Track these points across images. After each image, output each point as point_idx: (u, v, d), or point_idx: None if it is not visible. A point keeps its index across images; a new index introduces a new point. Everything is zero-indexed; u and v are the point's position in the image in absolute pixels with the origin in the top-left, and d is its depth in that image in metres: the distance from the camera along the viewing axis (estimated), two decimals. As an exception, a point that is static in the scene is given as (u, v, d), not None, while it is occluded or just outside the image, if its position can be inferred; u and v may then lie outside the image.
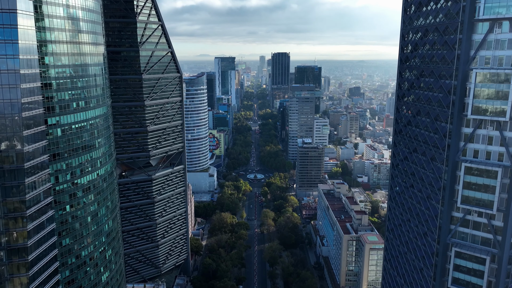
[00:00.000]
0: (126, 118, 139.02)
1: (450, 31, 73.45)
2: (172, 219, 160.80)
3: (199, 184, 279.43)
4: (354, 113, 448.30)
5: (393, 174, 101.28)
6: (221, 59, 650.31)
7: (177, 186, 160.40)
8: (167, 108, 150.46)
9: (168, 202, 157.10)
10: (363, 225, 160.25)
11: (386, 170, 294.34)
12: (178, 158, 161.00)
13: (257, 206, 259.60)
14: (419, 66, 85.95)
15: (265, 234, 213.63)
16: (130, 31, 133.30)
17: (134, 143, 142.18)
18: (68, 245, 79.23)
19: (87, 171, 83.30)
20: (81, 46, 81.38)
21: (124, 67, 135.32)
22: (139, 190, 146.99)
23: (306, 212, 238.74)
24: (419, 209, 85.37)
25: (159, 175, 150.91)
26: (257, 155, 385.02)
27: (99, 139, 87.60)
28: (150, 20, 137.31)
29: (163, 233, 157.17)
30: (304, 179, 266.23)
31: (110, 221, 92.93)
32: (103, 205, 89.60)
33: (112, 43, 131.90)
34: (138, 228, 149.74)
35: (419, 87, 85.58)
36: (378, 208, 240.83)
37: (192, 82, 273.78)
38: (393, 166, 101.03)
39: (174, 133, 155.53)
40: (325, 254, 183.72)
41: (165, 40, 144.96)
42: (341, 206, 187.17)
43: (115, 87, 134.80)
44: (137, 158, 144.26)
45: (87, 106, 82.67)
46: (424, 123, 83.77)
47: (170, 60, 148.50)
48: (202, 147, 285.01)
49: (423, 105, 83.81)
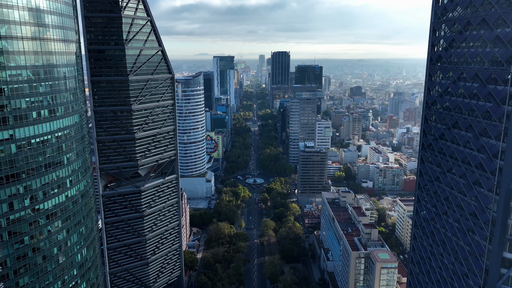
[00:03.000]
0: (111, 124, 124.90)
1: (505, 22, 58.32)
2: (164, 234, 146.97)
3: (196, 190, 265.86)
4: (356, 114, 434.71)
5: (419, 196, 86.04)
6: (220, 58, 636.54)
7: (169, 198, 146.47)
8: (158, 113, 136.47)
9: (159, 215, 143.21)
10: (372, 240, 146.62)
11: (392, 175, 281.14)
12: (170, 166, 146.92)
13: (256, 214, 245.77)
14: (457, 68, 70.75)
15: (265, 245, 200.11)
16: (114, 27, 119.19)
17: (120, 152, 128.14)
18: (27, 285, 65.37)
19: (52, 193, 69.43)
20: (44, 43, 67.42)
21: (109, 67, 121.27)
22: (127, 203, 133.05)
23: (309, 221, 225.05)
24: (456, 243, 70.53)
25: (148, 186, 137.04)
26: (256, 158, 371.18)
27: (69, 154, 73.72)
28: (137, 15, 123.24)
29: (153, 249, 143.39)
30: (306, 185, 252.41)
31: (83, 250, 79.09)
32: (74, 232, 75.81)
33: (94, 40, 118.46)
34: (126, 245, 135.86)
35: (456, 93, 70.81)
36: (385, 216, 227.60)
37: (188, 82, 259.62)
38: (420, 187, 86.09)
39: (165, 139, 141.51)
40: (330, 269, 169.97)
41: (154, 38, 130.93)
42: (347, 217, 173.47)
43: (98, 89, 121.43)
44: (124, 168, 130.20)
45: (52, 115, 68.80)
46: (463, 138, 69.16)
47: (160, 60, 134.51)
48: (198, 150, 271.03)
49: (462, 115, 69.09)
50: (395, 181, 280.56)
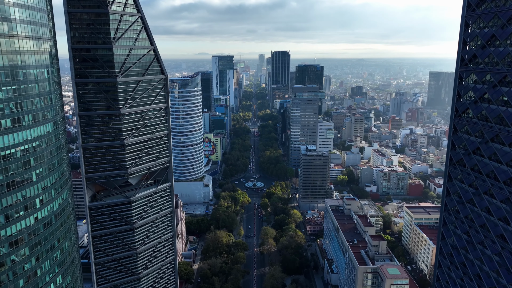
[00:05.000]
0: (98, 130, 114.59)
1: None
2: (157, 246, 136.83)
3: (193, 194, 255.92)
4: (358, 115, 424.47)
5: (446, 219, 75.38)
6: (219, 57, 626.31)
7: (162, 208, 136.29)
8: (150, 117, 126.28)
9: (151, 227, 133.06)
10: (380, 253, 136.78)
11: (397, 179, 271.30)
12: (163, 174, 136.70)
13: (256, 220, 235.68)
14: (498, 70, 59.96)
15: (265, 254, 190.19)
16: (101, 24, 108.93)
17: (108, 160, 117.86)
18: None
19: (17, 216, 59.43)
20: (7, 41, 57.36)
21: (95, 68, 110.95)
22: (116, 214, 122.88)
23: (311, 228, 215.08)
24: (495, 279, 60.19)
25: (140, 196, 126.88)
26: (256, 160, 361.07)
27: (39, 170, 63.67)
28: (126, 11, 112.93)
29: (145, 263, 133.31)
30: (308, 190, 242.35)
31: (58, 278, 69.08)
32: (46, 259, 65.78)
33: (79, 39, 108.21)
34: (115, 260, 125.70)
35: (497, 101, 60.47)
36: (390, 223, 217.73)
37: (185, 83, 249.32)
38: (447, 209, 75.31)
39: (158, 145, 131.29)
40: (334, 282, 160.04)
41: (146, 36, 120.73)
42: (352, 227, 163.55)
43: (84, 92, 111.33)
44: (113, 177, 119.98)
45: (16, 125, 58.75)
46: (507, 155, 58.80)
47: (152, 60, 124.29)
48: (196, 154, 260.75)
49: (505, 128, 58.88)
50: (400, 185, 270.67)
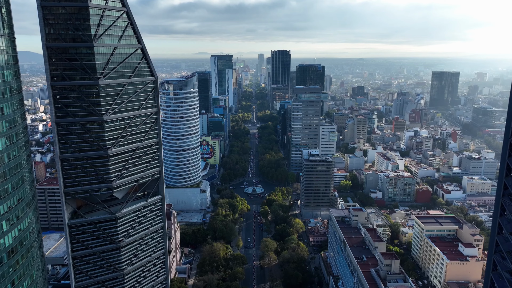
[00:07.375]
0: (78, 139, 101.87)
1: None
2: (147, 266, 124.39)
3: (189, 201, 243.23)
4: (361, 116, 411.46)
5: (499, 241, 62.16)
6: (218, 57, 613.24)
7: (152, 223, 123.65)
8: (137, 123, 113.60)
9: (140, 244, 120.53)
10: (393, 273, 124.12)
11: (403, 184, 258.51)
12: (154, 186, 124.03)
13: (256, 229, 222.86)
14: None
15: (266, 269, 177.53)
16: (80, 19, 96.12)
17: (90, 172, 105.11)
18: None
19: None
20: None
21: (74, 69, 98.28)
22: (99, 232, 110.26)
23: (314, 239, 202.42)
24: None
25: (127, 212, 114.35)
26: (256, 164, 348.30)
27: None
28: (109, 5, 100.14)
29: (134, 284, 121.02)
30: (310, 197, 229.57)
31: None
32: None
33: (55, 36, 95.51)
34: (99, 282, 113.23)
35: None
36: (398, 233, 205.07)
37: (181, 84, 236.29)
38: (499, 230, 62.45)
39: (147, 155, 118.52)
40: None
41: (132, 33, 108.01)
42: (360, 241, 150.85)
43: (61, 97, 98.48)
44: (96, 192, 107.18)
45: None
46: None
47: (140, 60, 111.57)
48: (192, 158, 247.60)
49: None
50: (407, 191, 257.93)
